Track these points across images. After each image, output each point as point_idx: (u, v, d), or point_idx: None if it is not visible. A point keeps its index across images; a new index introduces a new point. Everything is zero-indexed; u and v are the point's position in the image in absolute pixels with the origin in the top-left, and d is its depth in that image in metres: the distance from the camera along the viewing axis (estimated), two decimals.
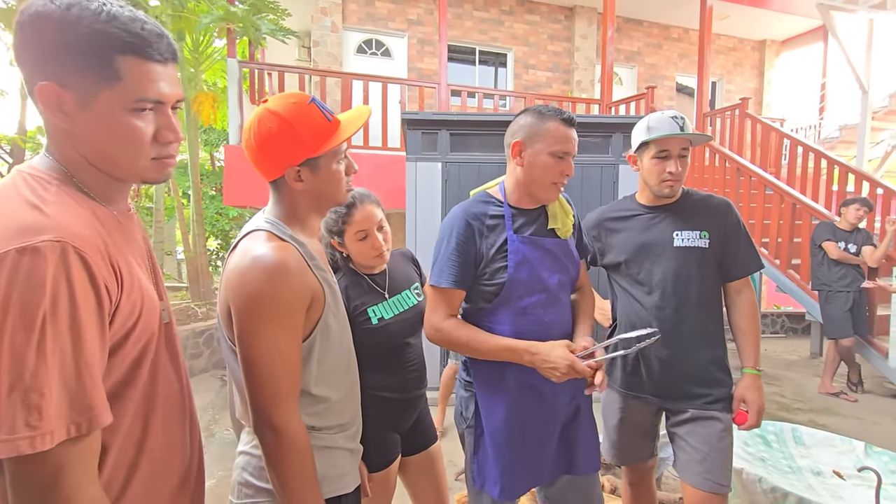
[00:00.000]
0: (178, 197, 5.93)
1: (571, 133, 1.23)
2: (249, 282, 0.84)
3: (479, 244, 1.24)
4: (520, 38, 7.91)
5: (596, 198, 3.80)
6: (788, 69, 9.80)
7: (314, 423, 0.94)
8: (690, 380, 1.47)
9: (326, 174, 0.95)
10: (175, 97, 0.72)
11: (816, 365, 4.96)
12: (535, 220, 1.29)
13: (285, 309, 0.85)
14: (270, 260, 0.85)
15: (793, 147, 5.92)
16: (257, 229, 0.93)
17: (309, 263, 0.92)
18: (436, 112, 4.12)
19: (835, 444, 2.08)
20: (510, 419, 1.25)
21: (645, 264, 1.49)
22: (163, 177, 0.75)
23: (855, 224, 3.92)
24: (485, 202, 1.30)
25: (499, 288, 1.24)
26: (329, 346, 0.95)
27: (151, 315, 0.72)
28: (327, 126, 0.93)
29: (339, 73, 5.70)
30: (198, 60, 6.05)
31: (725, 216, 1.49)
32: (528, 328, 1.24)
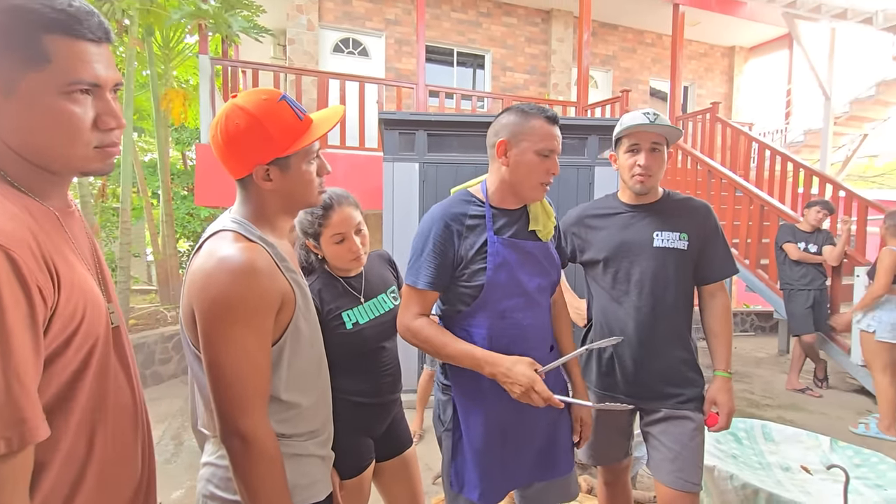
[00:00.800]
0: (146, 197, 5.74)
1: (555, 131, 1.23)
2: (215, 284, 0.80)
3: (458, 245, 1.22)
4: (497, 40, 7.95)
5: (572, 199, 3.83)
6: (756, 75, 10.13)
7: (284, 429, 0.91)
8: (663, 380, 1.48)
9: (297, 174, 0.91)
10: (113, 80, 0.68)
11: (784, 362, 5.12)
12: (517, 222, 1.28)
13: (253, 312, 0.81)
14: (237, 261, 0.81)
15: (761, 150, 6.11)
16: (224, 229, 0.89)
17: (279, 265, 0.89)
18: (413, 112, 4.10)
19: (802, 440, 2.14)
20: (489, 423, 1.24)
21: (623, 263, 1.49)
22: (106, 167, 0.70)
23: (816, 226, 4.08)
24: (465, 201, 1.27)
25: (477, 290, 1.21)
26: (299, 350, 0.92)
27: (96, 318, 0.68)
28: (298, 124, 0.89)
29: (315, 72, 5.61)
30: (168, 57, 5.88)
31: (705, 219, 1.50)
32: (506, 332, 1.22)
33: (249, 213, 0.93)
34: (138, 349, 4.07)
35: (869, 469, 1.89)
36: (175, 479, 2.58)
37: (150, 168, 7.83)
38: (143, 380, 4.07)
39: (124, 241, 4.37)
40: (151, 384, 4.10)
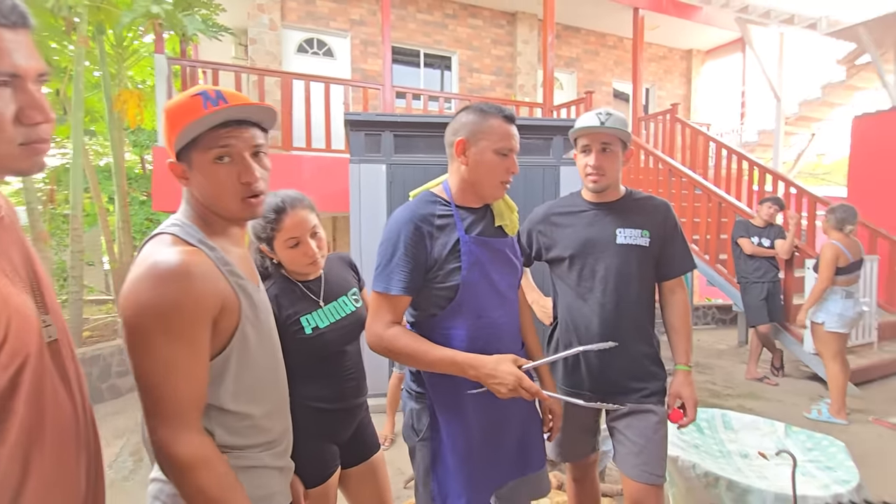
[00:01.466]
0: (100, 203, 5.48)
1: (513, 130, 1.23)
2: (141, 290, 0.76)
3: (430, 247, 1.18)
4: (463, 41, 7.98)
5: (538, 199, 3.87)
6: (712, 77, 10.53)
7: (236, 441, 0.87)
8: (627, 375, 1.51)
9: (202, 172, 0.84)
10: (36, 70, 0.62)
11: (743, 353, 5.33)
12: (483, 219, 1.27)
13: (182, 318, 0.77)
14: (168, 265, 0.77)
15: (718, 150, 6.35)
16: (163, 232, 0.85)
17: (221, 269, 0.85)
18: (379, 113, 4.06)
19: (759, 427, 2.22)
20: (470, 428, 1.22)
21: (588, 260, 1.52)
22: (34, 166, 0.65)
23: (768, 221, 4.27)
24: (431, 202, 1.25)
25: (453, 291, 1.19)
26: (248, 359, 0.88)
27: (25, 334, 0.63)
28: (197, 112, 0.82)
29: (278, 73, 5.50)
30: (122, 56, 5.63)
31: (665, 217, 1.54)
32: (483, 332, 1.21)
33: (190, 213, 0.90)
34: (93, 362, 3.88)
35: (820, 452, 1.99)
36: (134, 497, 2.47)
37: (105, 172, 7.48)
38: (100, 394, 3.89)
39: (76, 249, 4.16)
40: (109, 398, 3.92)
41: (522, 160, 4.37)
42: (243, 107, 0.84)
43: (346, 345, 1.39)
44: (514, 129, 1.24)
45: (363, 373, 1.47)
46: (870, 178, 5.77)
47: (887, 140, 5.60)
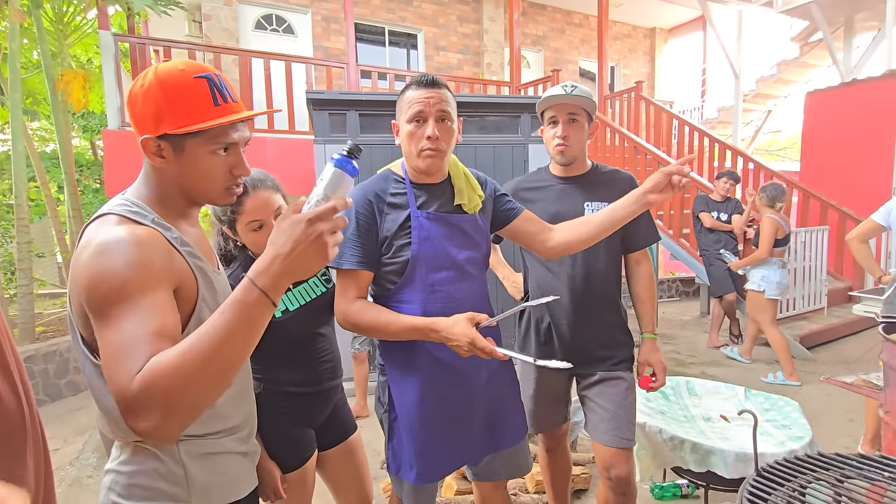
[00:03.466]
0: (48, 191, 5.17)
1: (426, 92, 1.16)
2: (92, 268, 0.71)
3: (381, 222, 1.20)
4: (429, 18, 7.82)
5: (507, 176, 3.86)
6: (675, 55, 10.72)
7: (196, 430, 0.83)
8: (597, 344, 1.55)
9: (193, 160, 0.81)
10: None
11: (705, 323, 5.55)
12: (441, 197, 1.26)
13: (139, 283, 0.71)
14: (119, 239, 0.72)
15: (681, 127, 6.50)
16: (107, 213, 0.79)
17: (178, 248, 0.80)
18: (343, 91, 3.95)
19: (720, 392, 2.32)
20: (424, 400, 1.22)
21: None
22: None
23: (725, 195, 4.41)
24: (386, 179, 1.25)
25: (402, 266, 1.20)
26: None
27: None
28: (207, 107, 0.80)
29: (235, 51, 5.25)
30: (63, 33, 5.25)
31: (630, 190, 1.55)
32: (438, 305, 1.20)
33: (146, 194, 0.83)
34: (49, 358, 3.69)
35: (777, 412, 2.09)
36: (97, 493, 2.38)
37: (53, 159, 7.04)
38: (59, 390, 3.72)
39: (23, 241, 3.91)
40: (68, 394, 3.75)
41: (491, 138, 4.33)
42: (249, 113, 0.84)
43: (317, 327, 1.36)
44: (426, 92, 1.17)
45: (338, 355, 1.45)
46: (821, 152, 6.03)
47: (837, 115, 5.84)
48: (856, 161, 5.53)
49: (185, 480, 0.81)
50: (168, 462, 0.81)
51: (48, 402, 3.63)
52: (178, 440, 0.82)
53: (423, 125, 1.17)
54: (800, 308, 4.64)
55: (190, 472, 0.82)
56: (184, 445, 0.82)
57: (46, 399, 3.64)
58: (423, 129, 1.17)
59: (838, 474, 0.90)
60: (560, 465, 1.79)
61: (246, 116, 0.83)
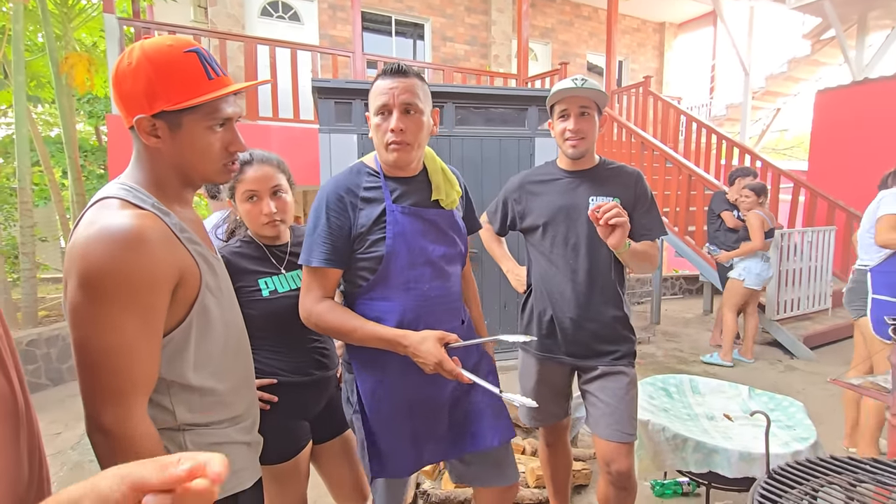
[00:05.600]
0: (52, 176, 5.15)
1: (392, 82, 1.11)
2: (90, 254, 0.69)
3: (353, 218, 1.15)
4: (436, 8, 7.74)
5: (513, 170, 3.82)
6: (684, 51, 10.59)
7: (200, 418, 0.82)
8: (599, 338, 1.54)
9: (189, 137, 0.80)
10: None
11: (709, 321, 5.53)
12: (417, 191, 1.22)
13: (136, 287, 0.70)
14: (120, 229, 0.70)
15: (688, 123, 6.43)
16: (108, 196, 0.77)
17: (178, 235, 0.79)
18: (349, 80, 3.90)
19: (724, 391, 2.30)
20: (393, 395, 1.20)
21: (561, 227, 1.53)
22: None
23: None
24: (359, 172, 1.20)
25: (377, 262, 1.16)
26: (210, 332, 0.83)
27: None
28: (201, 81, 0.79)
29: (241, 37, 5.20)
30: (67, 16, 5.22)
31: (635, 185, 1.54)
32: (413, 304, 1.18)
33: (142, 177, 0.82)
34: (52, 342, 3.70)
35: (781, 412, 2.08)
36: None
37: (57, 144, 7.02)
38: (60, 375, 3.73)
39: (26, 225, 3.91)
40: (69, 379, 3.76)
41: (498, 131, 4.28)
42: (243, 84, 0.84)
43: None
44: (392, 82, 1.11)
45: (331, 346, 1.44)
46: (830, 151, 5.96)
47: (848, 114, 5.77)
48: (865, 161, 5.46)
49: None
50: (173, 451, 0.79)
51: (50, 387, 3.65)
52: (184, 430, 0.80)
53: (389, 117, 1.12)
54: (804, 308, 4.61)
55: None
56: (189, 435, 0.80)
57: (48, 383, 3.65)
58: (388, 122, 1.12)
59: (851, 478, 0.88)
60: (561, 460, 1.79)
61: (242, 87, 0.83)
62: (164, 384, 0.79)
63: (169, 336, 0.78)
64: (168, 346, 0.78)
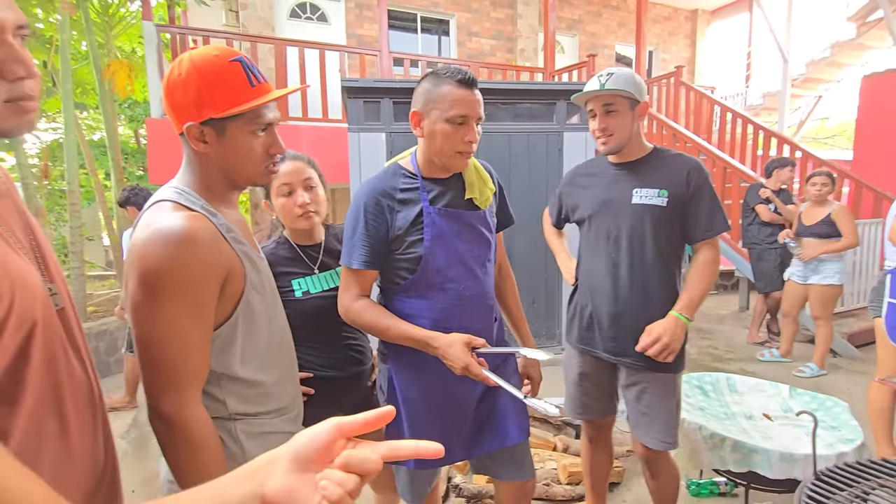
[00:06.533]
0: (96, 178, 5.41)
1: (470, 95, 1.14)
2: (148, 255, 0.74)
3: (391, 221, 1.19)
4: (462, 3, 7.71)
5: (542, 165, 3.81)
6: (718, 38, 10.23)
7: (250, 409, 0.87)
8: (638, 336, 1.46)
9: (234, 142, 0.84)
10: (14, 21, 0.58)
11: (744, 318, 5.36)
12: (451, 190, 1.24)
13: (188, 285, 0.76)
14: (174, 230, 0.75)
15: (723, 114, 6.23)
16: (162, 199, 0.82)
17: (225, 235, 0.83)
18: (378, 79, 3.95)
19: (763, 389, 2.24)
20: (425, 389, 1.24)
21: (604, 220, 1.52)
22: (22, 124, 0.61)
23: (784, 184, 4.16)
24: (395, 175, 1.23)
25: (415, 262, 1.19)
26: (255, 326, 0.87)
27: (29, 301, 0.60)
28: (245, 89, 0.83)
29: (271, 39, 5.32)
30: (108, 24, 5.44)
31: (689, 176, 1.45)
32: (447, 304, 1.21)
33: (192, 180, 0.87)
34: (100, 336, 3.90)
35: (825, 413, 2.01)
36: (146, 466, 2.52)
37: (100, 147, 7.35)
38: (108, 367, 3.93)
39: (74, 225, 4.12)
40: (117, 371, 3.96)
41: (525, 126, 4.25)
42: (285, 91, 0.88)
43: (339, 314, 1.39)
44: (472, 94, 1.14)
45: (365, 341, 1.47)
46: (877, 140, 5.66)
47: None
48: None
49: (242, 458, 0.85)
50: (227, 441, 0.84)
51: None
52: (235, 419, 0.85)
53: (464, 128, 1.14)
54: (849, 305, 4.42)
55: (247, 451, 0.85)
56: (240, 425, 0.85)
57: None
58: (462, 132, 1.14)
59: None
60: (600, 457, 1.77)
61: (283, 94, 0.87)
62: (215, 376, 0.84)
63: (218, 331, 0.83)
64: (217, 340, 0.83)
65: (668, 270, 1.50)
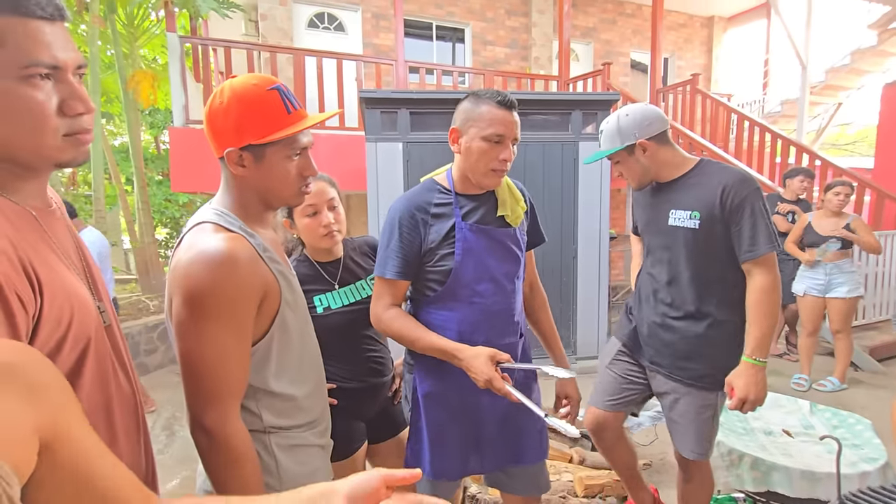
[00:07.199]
0: (120, 183, 5.55)
1: (508, 116, 1.19)
2: (192, 275, 0.78)
3: (424, 234, 1.23)
4: (477, 12, 7.76)
5: (557, 175, 3.83)
6: (734, 46, 10.13)
7: (282, 422, 0.90)
8: (677, 353, 1.51)
9: (270, 166, 0.88)
10: (75, 61, 0.63)
11: None
12: (483, 207, 1.28)
13: (230, 304, 0.79)
14: (216, 252, 0.79)
15: (740, 121, 6.17)
16: (203, 221, 0.86)
17: (261, 255, 0.87)
18: (395, 90, 4.00)
19: (783, 405, 2.22)
20: (448, 401, 1.26)
21: (650, 238, 1.60)
22: (80, 156, 0.66)
23: (798, 194, 4.10)
24: (430, 190, 1.28)
25: (445, 275, 1.23)
26: (289, 342, 0.91)
27: (86, 319, 0.65)
28: (282, 116, 0.86)
29: (290, 49, 5.42)
30: (133, 35, 5.60)
31: (724, 195, 1.38)
32: (474, 318, 1.24)
33: (230, 202, 0.90)
34: None
35: (846, 430, 1.98)
36: (169, 470, 2.57)
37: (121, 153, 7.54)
38: None
39: (100, 230, 4.24)
40: (139, 375, 4.05)
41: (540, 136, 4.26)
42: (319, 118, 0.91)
43: (361, 328, 1.41)
44: (509, 115, 1.19)
45: (386, 353, 1.51)
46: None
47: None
48: None
49: (276, 470, 0.88)
50: (262, 453, 0.87)
51: None
52: (269, 432, 0.88)
53: (500, 147, 1.19)
54: (870, 317, 4.34)
55: (281, 463, 0.88)
56: (274, 438, 0.88)
57: None
58: (497, 151, 1.19)
59: None
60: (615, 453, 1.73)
61: (318, 122, 0.89)
62: (252, 391, 0.87)
63: (255, 347, 0.86)
64: (254, 355, 0.86)
65: (710, 290, 1.45)
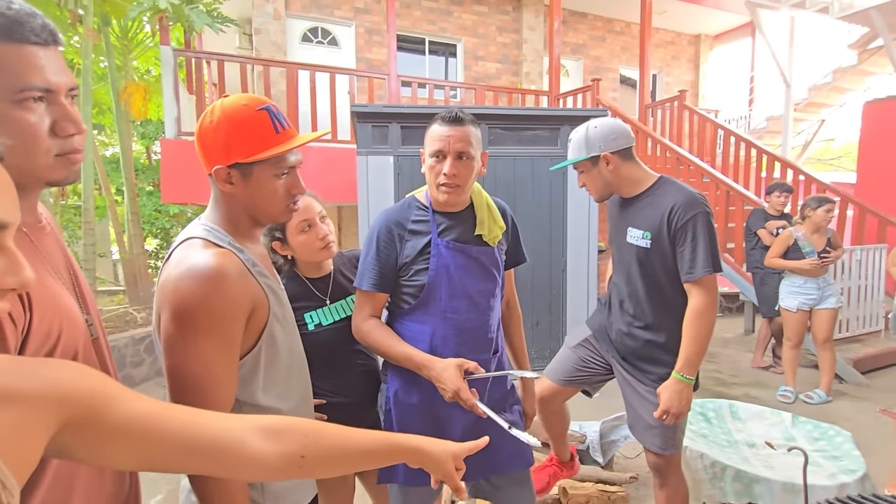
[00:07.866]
0: (110, 194, 5.53)
1: (448, 130, 1.20)
2: (181, 290, 0.79)
3: (400, 249, 1.27)
4: (469, 28, 7.90)
5: (545, 189, 3.88)
6: (721, 63, 10.38)
7: None
8: (639, 357, 1.60)
9: (258, 184, 0.89)
10: (67, 84, 0.65)
11: (749, 341, 5.34)
12: (461, 225, 1.30)
13: (219, 319, 0.80)
14: (205, 267, 0.80)
15: (726, 137, 6.29)
16: (193, 237, 0.88)
17: (250, 270, 0.88)
18: (386, 105, 4.06)
19: (766, 417, 2.25)
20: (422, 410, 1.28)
21: (614, 249, 1.68)
22: (71, 175, 0.68)
23: (780, 209, 4.19)
24: (409, 207, 1.32)
25: (418, 289, 1.26)
26: (276, 356, 0.92)
27: (74, 334, 0.66)
28: (270, 136, 0.88)
29: (283, 63, 5.48)
30: (127, 48, 5.62)
31: (671, 215, 1.43)
32: (448, 332, 1.26)
33: (219, 217, 0.92)
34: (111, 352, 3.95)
35: (827, 442, 2.01)
36: (154, 485, 2.54)
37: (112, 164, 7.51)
38: None
39: (88, 242, 4.22)
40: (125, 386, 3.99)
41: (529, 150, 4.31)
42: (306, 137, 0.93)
43: (353, 342, 1.41)
44: (450, 130, 1.20)
45: (377, 367, 1.51)
46: (880, 165, 5.70)
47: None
48: None
49: (259, 484, 0.88)
50: None
51: None
52: None
53: (443, 161, 1.21)
54: (854, 330, 4.40)
55: None
56: None
57: None
58: (441, 165, 1.21)
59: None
60: (549, 416, 1.84)
61: (305, 142, 0.91)
62: (238, 404, 0.88)
63: (242, 360, 0.87)
64: (241, 369, 0.87)
65: (665, 303, 1.54)
